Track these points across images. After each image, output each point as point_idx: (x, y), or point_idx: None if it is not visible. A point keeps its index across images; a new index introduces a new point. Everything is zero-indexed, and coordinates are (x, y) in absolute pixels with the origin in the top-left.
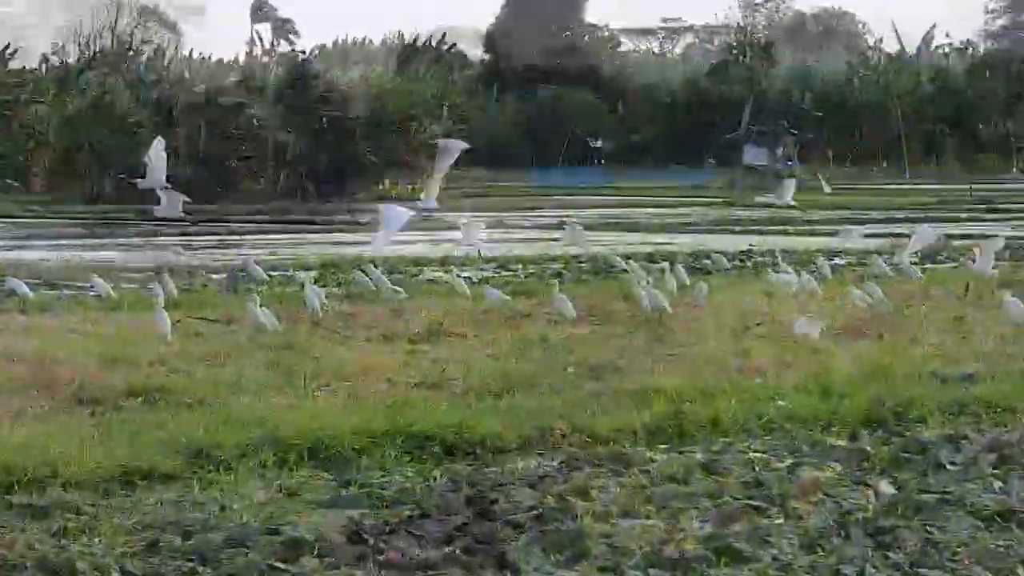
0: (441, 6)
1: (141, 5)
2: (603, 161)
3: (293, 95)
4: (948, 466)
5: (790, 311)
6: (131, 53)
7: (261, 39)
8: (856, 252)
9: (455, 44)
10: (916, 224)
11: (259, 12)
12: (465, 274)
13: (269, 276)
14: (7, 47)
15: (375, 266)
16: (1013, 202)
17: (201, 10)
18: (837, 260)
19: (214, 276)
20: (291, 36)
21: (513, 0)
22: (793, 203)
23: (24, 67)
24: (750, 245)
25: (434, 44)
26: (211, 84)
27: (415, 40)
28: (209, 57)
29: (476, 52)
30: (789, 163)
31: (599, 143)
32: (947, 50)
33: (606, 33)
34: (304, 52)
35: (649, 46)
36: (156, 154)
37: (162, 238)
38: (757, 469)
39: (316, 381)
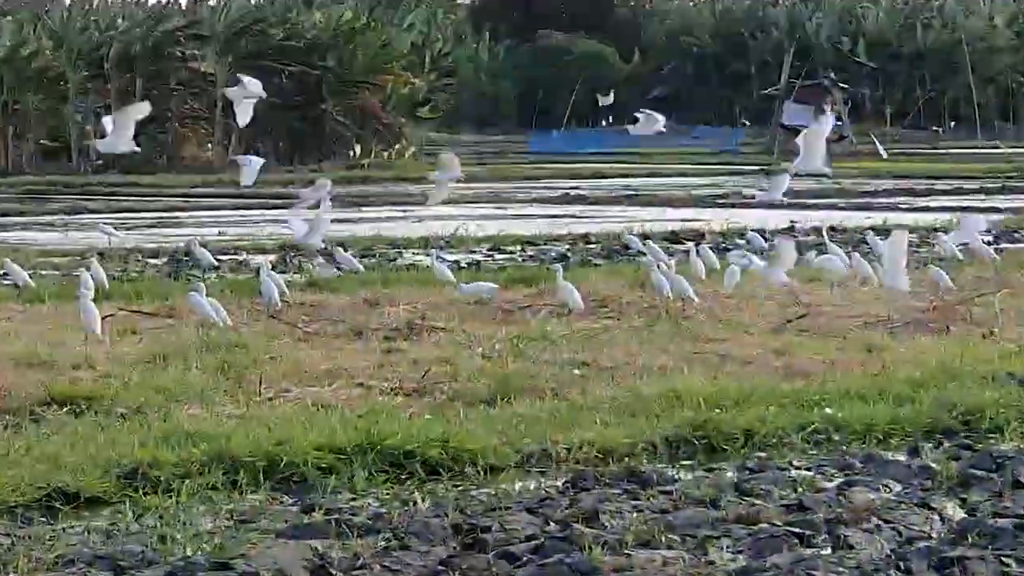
0: None
1: None
2: (615, 122)
3: (246, 44)
4: None
5: (838, 300)
6: None
7: None
8: (921, 228)
9: None
10: (990, 197)
11: None
12: (451, 257)
13: (218, 261)
14: None
15: (344, 248)
16: None
17: None
18: None
19: (152, 260)
20: None
21: None
22: (783, 199)
23: None
24: (792, 222)
25: None
26: (148, 32)
27: None
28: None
29: None
30: (838, 123)
31: (611, 100)
32: None
33: None
34: None
35: None
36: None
37: (90, 215)
38: (800, 490)
39: (273, 386)
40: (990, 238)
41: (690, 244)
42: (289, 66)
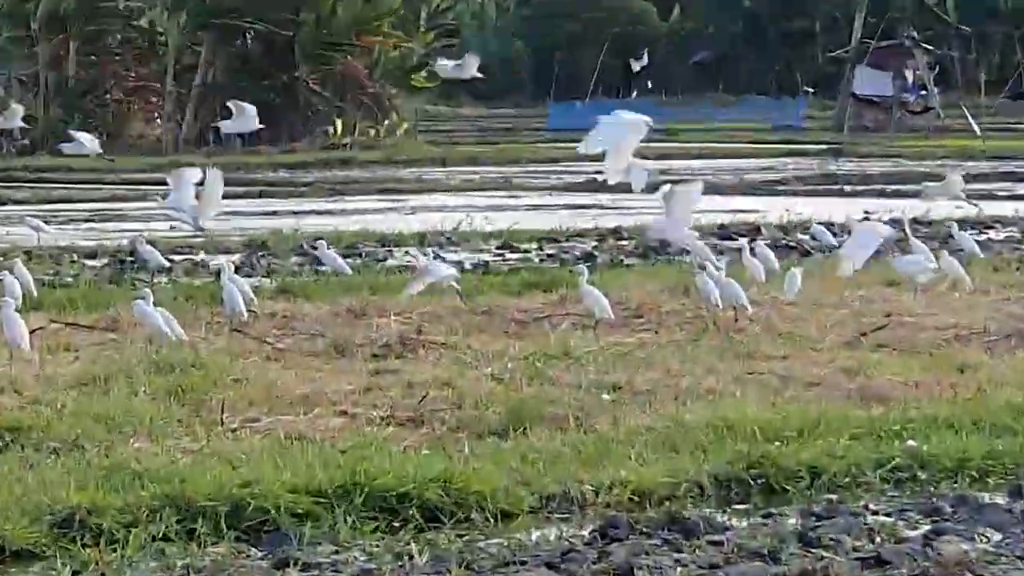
0: None
1: None
2: (651, 91)
3: None
4: None
5: (923, 308)
6: None
7: None
8: None
9: None
10: None
11: None
12: (455, 257)
13: (170, 261)
14: None
15: (327, 246)
16: None
17: None
18: (991, 233)
19: (90, 262)
20: None
21: None
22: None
23: None
24: (866, 213)
25: None
26: None
27: None
28: None
29: None
30: (922, 93)
31: (645, 64)
32: None
33: None
34: None
35: None
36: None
37: (14, 207)
38: (877, 539)
39: (238, 415)
40: None
41: (743, 240)
42: (254, 24)
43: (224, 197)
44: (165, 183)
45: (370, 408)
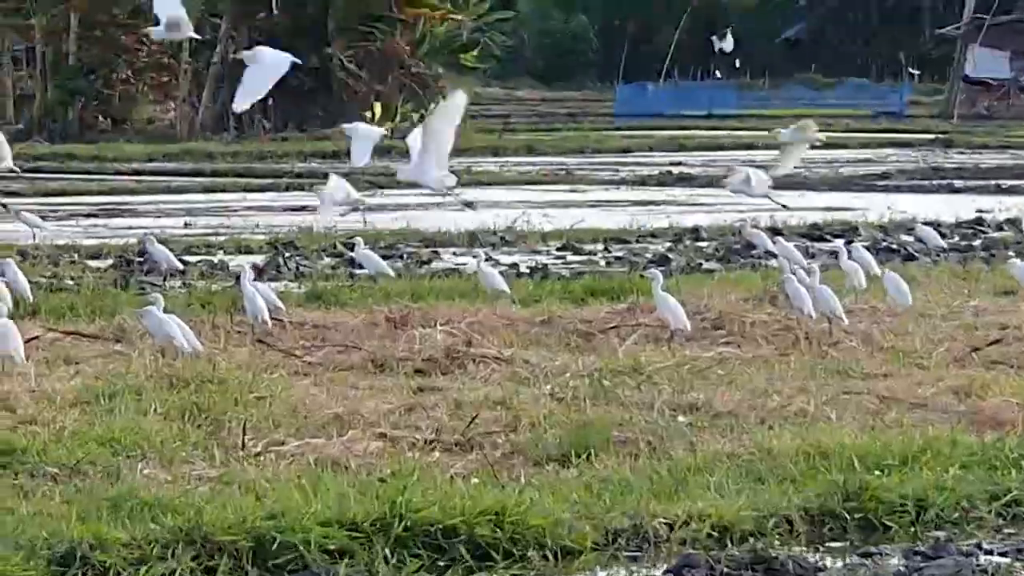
0: None
1: None
2: (738, 71)
3: None
4: None
5: None
6: None
7: None
8: None
9: None
10: None
11: None
12: (507, 259)
13: (183, 263)
14: None
15: (365, 245)
16: None
17: None
18: None
19: (93, 262)
20: None
21: None
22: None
23: None
24: (979, 212)
25: None
26: None
27: None
28: None
29: None
30: None
31: (728, 43)
32: None
33: None
34: None
35: None
36: None
37: (8, 200)
38: None
39: (262, 438)
40: None
41: (839, 242)
42: None
43: (245, 190)
44: (180, 173)
45: (412, 431)
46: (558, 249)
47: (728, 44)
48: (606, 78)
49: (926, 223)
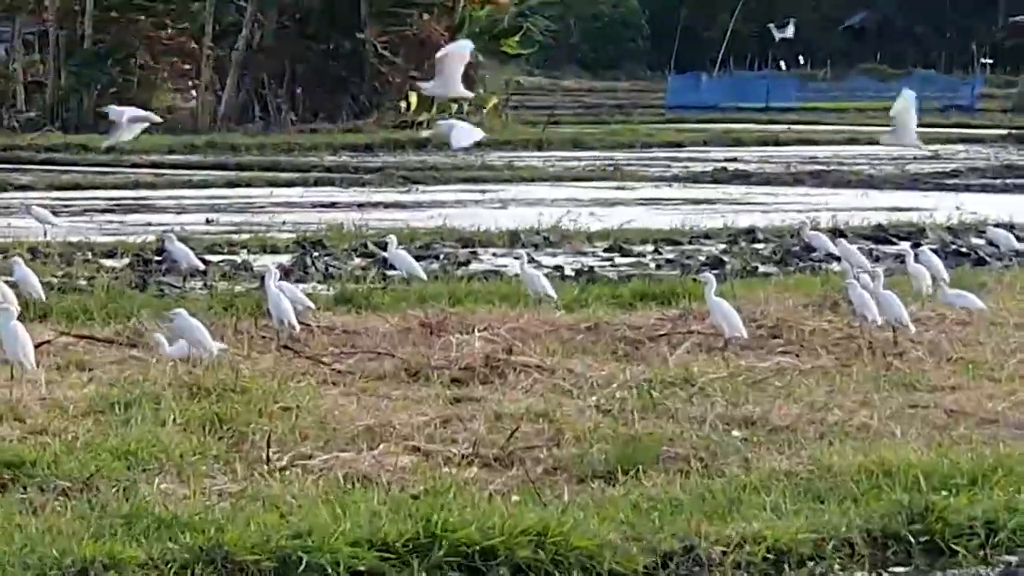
0: None
1: None
2: (800, 62)
3: None
4: None
5: None
6: None
7: None
8: None
9: None
10: None
11: None
12: (550, 261)
13: (204, 262)
14: None
15: (398, 245)
16: None
17: None
18: None
19: (108, 261)
20: None
21: None
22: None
23: None
24: None
25: None
26: None
27: None
28: None
29: None
30: None
31: (790, 31)
32: None
33: None
34: None
35: None
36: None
37: (17, 194)
38: None
39: (288, 451)
40: None
41: (905, 244)
42: None
43: (271, 185)
44: (202, 166)
45: (448, 444)
46: (605, 250)
47: (789, 32)
48: (657, 68)
49: (998, 224)
